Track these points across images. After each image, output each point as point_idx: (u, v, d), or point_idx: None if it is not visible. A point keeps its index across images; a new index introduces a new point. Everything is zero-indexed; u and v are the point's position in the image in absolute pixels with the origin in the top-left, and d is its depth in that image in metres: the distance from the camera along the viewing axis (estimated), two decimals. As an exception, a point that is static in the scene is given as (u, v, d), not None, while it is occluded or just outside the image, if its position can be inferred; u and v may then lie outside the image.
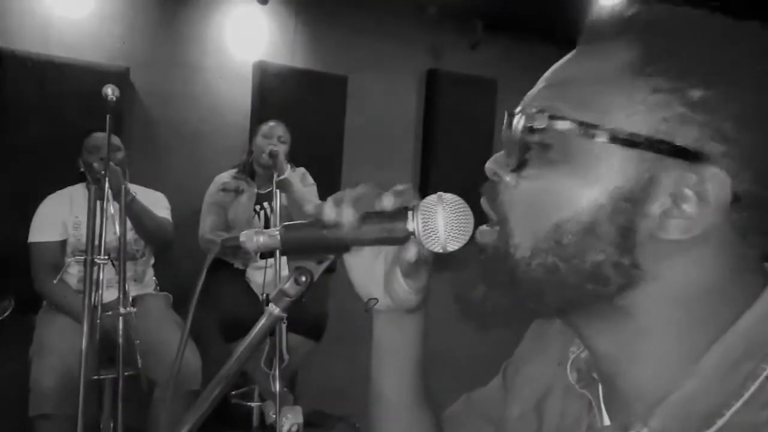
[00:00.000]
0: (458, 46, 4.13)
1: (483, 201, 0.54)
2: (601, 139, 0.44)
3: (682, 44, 0.45)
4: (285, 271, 2.71)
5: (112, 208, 2.37)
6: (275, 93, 3.47)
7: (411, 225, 0.56)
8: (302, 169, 2.97)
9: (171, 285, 2.84)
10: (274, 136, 2.84)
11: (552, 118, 0.46)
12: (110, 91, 2.07)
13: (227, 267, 2.85)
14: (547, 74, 0.50)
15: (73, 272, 2.61)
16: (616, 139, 0.44)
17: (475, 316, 0.53)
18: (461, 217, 0.55)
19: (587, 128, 0.45)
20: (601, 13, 0.50)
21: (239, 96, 3.47)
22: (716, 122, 0.43)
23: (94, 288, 2.24)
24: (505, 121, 0.50)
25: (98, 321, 2.16)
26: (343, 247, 0.61)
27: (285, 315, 0.61)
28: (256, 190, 2.89)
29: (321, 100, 3.67)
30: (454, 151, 4.14)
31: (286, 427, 2.70)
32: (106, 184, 2.26)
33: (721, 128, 0.43)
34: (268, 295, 2.66)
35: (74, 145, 2.64)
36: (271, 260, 2.69)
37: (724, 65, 0.44)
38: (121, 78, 2.96)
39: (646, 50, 0.45)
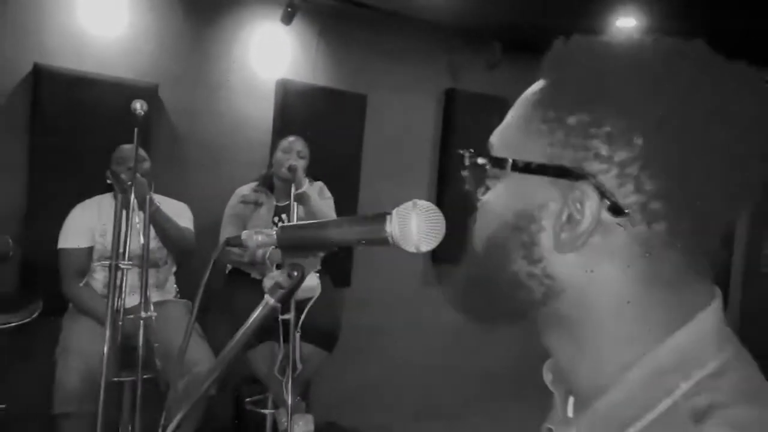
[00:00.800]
0: (476, 66, 4.21)
1: (472, 194, 0.61)
2: (506, 169, 0.52)
3: (568, 76, 0.51)
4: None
5: (137, 217, 2.48)
6: (296, 110, 3.58)
7: (389, 228, 0.63)
8: (320, 183, 3.07)
9: (191, 293, 2.93)
10: (294, 150, 2.94)
11: (472, 156, 0.55)
12: (139, 105, 2.19)
13: (245, 277, 2.94)
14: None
15: (99, 277, 2.73)
16: (516, 167, 0.52)
17: (462, 308, 0.61)
18: (432, 222, 0.62)
19: (496, 162, 0.53)
20: (549, 53, 0.56)
21: (262, 112, 3.59)
22: (591, 143, 0.48)
23: (117, 293, 2.35)
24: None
25: (120, 324, 2.26)
26: (330, 245, 0.68)
27: (279, 305, 0.68)
28: (275, 203, 2.98)
29: (340, 118, 3.77)
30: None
31: (297, 435, 2.77)
32: (132, 194, 2.37)
33: (596, 148, 0.48)
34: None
35: (103, 156, 2.77)
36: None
37: (597, 92, 0.49)
38: (150, 93, 3.09)
39: (546, 85, 0.53)
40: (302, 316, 2.75)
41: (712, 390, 0.46)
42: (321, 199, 2.96)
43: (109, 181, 2.65)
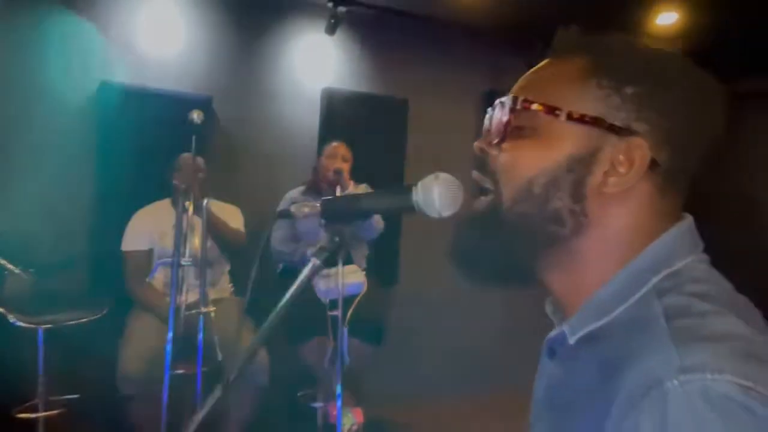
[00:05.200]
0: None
1: (474, 173, 0.70)
2: (561, 117, 0.62)
3: (621, 57, 0.63)
4: (347, 279, 2.92)
5: (195, 220, 2.66)
6: (341, 116, 3.73)
7: (414, 197, 0.73)
8: (365, 185, 3.18)
9: (243, 290, 3.10)
10: (338, 155, 3.07)
11: (526, 101, 0.64)
12: (196, 116, 2.37)
13: (294, 274, 3.07)
14: (524, 76, 0.68)
15: (159, 277, 2.92)
16: (571, 117, 0.61)
17: (466, 265, 0.70)
18: (452, 191, 0.72)
19: (551, 109, 0.62)
20: (564, 36, 0.68)
21: (308, 120, 3.75)
22: (641, 110, 0.60)
23: (178, 289, 2.53)
24: (491, 107, 0.67)
25: (182, 317, 2.43)
26: (365, 214, 0.78)
27: (324, 266, 0.78)
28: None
29: (383, 122, 3.89)
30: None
31: (347, 426, 2.88)
32: (191, 198, 2.55)
33: (645, 114, 0.60)
34: (330, 301, 2.86)
35: (162, 165, 2.98)
36: (334, 269, 2.91)
37: (649, 73, 0.61)
38: (205, 105, 3.29)
39: (594, 60, 0.63)
40: (349, 312, 2.87)
41: (674, 278, 0.59)
42: (366, 200, 3.08)
43: (175, 182, 2.84)
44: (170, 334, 2.46)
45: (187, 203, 2.62)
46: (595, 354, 0.59)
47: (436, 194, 0.71)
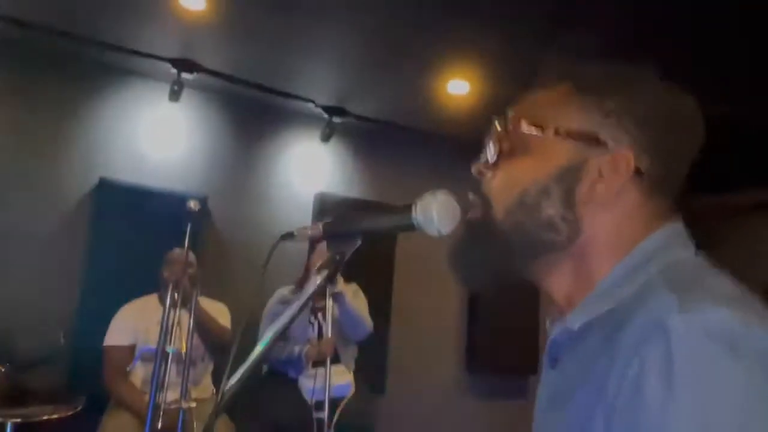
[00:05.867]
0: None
1: (470, 195, 0.74)
2: (549, 133, 0.67)
3: (601, 77, 0.69)
4: (334, 379, 2.83)
5: (181, 315, 2.63)
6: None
7: (414, 215, 0.75)
8: (355, 285, 3.19)
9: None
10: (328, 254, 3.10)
11: (516, 119, 0.70)
12: (192, 204, 2.43)
13: (281, 375, 2.98)
14: (511, 107, 0.74)
15: (139, 374, 2.82)
16: (558, 133, 0.67)
17: (464, 272, 0.73)
18: (450, 208, 0.74)
19: (540, 127, 0.68)
20: (546, 65, 0.75)
21: (301, 222, 3.82)
22: (621, 123, 0.65)
23: (159, 386, 2.44)
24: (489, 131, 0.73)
25: (162, 413, 2.32)
26: (365, 233, 0.80)
27: (325, 283, 0.79)
28: (311, 304, 3.10)
29: (374, 227, 3.96)
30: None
31: None
32: (179, 292, 2.54)
33: (625, 126, 0.65)
34: (317, 402, 2.76)
35: (153, 261, 2.98)
36: (321, 369, 2.83)
37: (628, 89, 0.67)
38: (200, 204, 3.35)
39: (578, 81, 0.69)
40: (336, 414, 2.76)
41: (673, 265, 0.62)
42: (355, 299, 3.06)
43: (165, 275, 2.82)
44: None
45: (175, 297, 2.60)
46: (600, 334, 0.60)
47: (435, 212, 0.73)
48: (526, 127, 0.68)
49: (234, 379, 0.77)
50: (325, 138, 3.90)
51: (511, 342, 4.30)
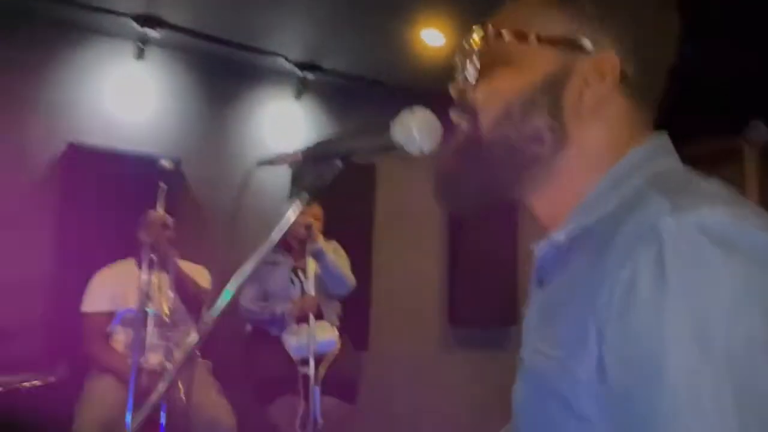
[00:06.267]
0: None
1: (452, 114, 0.71)
2: (531, 41, 0.64)
3: None
4: (318, 335, 2.84)
5: (161, 277, 2.60)
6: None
7: (394, 134, 0.73)
8: (335, 243, 3.17)
9: (211, 353, 2.97)
10: (308, 212, 3.06)
11: (495, 29, 0.66)
12: (166, 163, 2.37)
13: (263, 334, 2.98)
14: (491, 15, 0.70)
15: (120, 339, 2.79)
16: (540, 40, 0.64)
17: (452, 196, 0.71)
18: (430, 124, 0.72)
19: (520, 34, 0.65)
20: None
21: (277, 180, 3.76)
22: (604, 25, 0.63)
23: (140, 349, 2.42)
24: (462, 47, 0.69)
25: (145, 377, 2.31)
26: (345, 155, 0.78)
27: (306, 204, 0.76)
28: (292, 262, 3.07)
29: (352, 185, 3.92)
30: (480, 227, 4.30)
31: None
32: (158, 254, 2.50)
33: (608, 29, 0.63)
34: (301, 358, 2.76)
35: (128, 226, 2.92)
36: (305, 325, 2.83)
37: None
38: (173, 167, 3.28)
39: None
40: (322, 369, 2.77)
41: (660, 174, 0.60)
42: (336, 256, 3.05)
43: (135, 243, 2.78)
44: (131, 400, 2.33)
45: (153, 259, 2.56)
46: (589, 246, 0.59)
47: (416, 129, 0.71)
48: (506, 37, 0.65)
49: (207, 317, 0.75)
50: (298, 95, 3.82)
51: (492, 294, 4.35)
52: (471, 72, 0.68)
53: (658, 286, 0.47)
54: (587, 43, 0.62)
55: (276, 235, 0.77)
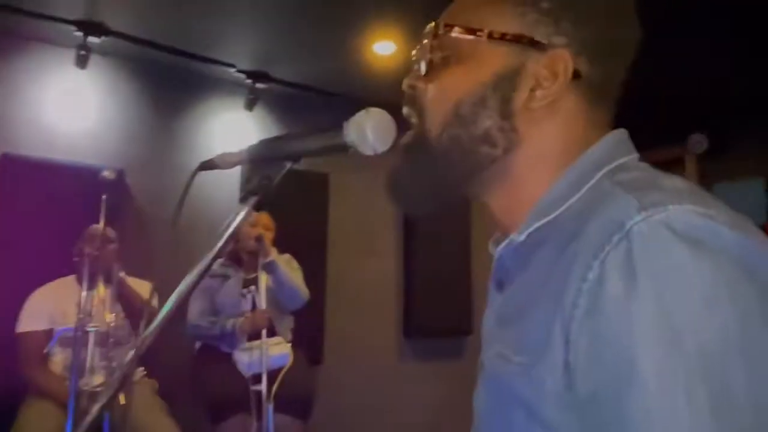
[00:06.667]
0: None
1: (404, 109, 0.69)
2: (482, 38, 0.62)
3: None
4: (271, 351, 2.76)
5: (103, 293, 2.47)
6: (262, 189, 3.68)
7: (347, 133, 0.69)
8: (288, 255, 3.09)
9: (158, 371, 2.85)
10: (259, 223, 2.99)
11: (447, 26, 0.64)
12: (107, 173, 2.26)
13: (213, 351, 2.87)
14: (445, 12, 0.68)
15: (58, 360, 2.64)
16: (492, 37, 0.62)
17: (404, 195, 0.69)
18: (385, 124, 0.69)
19: (472, 31, 0.62)
20: None
21: (227, 192, 3.67)
22: (559, 23, 0.61)
23: (80, 372, 2.29)
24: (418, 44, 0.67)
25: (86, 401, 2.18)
26: (295, 156, 0.73)
27: (253, 209, 0.71)
28: (242, 276, 2.99)
29: (305, 195, 3.87)
30: (434, 239, 4.31)
31: None
32: (99, 269, 2.38)
33: (563, 27, 0.61)
34: (253, 375, 2.68)
35: (68, 240, 2.78)
36: (257, 342, 2.75)
37: None
38: (116, 178, 3.15)
39: None
40: (275, 386, 2.69)
41: (619, 169, 0.58)
42: (290, 270, 2.97)
43: (76, 259, 2.66)
44: (70, 427, 2.20)
45: (94, 274, 2.43)
46: (549, 244, 0.57)
47: (369, 128, 0.68)
48: (457, 33, 0.63)
49: (144, 335, 0.69)
50: (249, 106, 3.74)
51: (447, 304, 4.35)
52: (423, 67, 0.66)
53: (627, 286, 0.45)
54: (540, 40, 0.60)
55: (221, 242, 0.72)
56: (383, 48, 3.42)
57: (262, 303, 2.83)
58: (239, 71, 3.63)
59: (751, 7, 2.90)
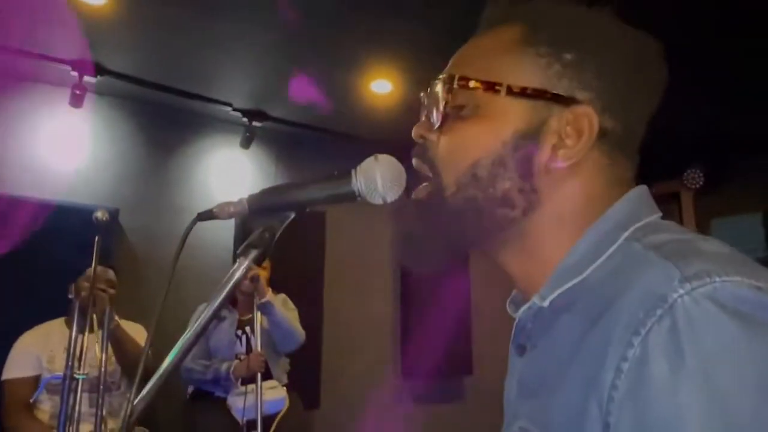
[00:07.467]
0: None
1: (414, 161, 0.64)
2: (501, 92, 0.57)
3: (556, 22, 0.59)
4: (266, 395, 2.67)
5: (94, 337, 2.39)
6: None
7: (355, 182, 0.65)
8: (283, 295, 3.03)
9: (148, 420, 2.74)
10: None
11: (462, 79, 0.59)
12: (100, 214, 2.21)
13: (208, 396, 2.78)
14: (459, 51, 0.64)
15: (46, 408, 2.54)
16: (512, 92, 0.57)
17: (417, 255, 0.64)
18: (395, 172, 0.65)
19: (491, 85, 0.58)
20: (495, 6, 0.65)
21: (223, 233, 3.62)
22: (583, 76, 0.57)
23: (69, 420, 2.19)
24: (427, 90, 0.63)
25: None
26: (299, 206, 0.69)
27: (253, 263, 0.67)
28: (237, 317, 2.91)
29: (301, 234, 3.81)
30: (432, 278, 4.25)
31: None
32: (91, 311, 2.30)
33: (587, 80, 0.57)
34: (248, 421, 2.58)
35: (60, 282, 2.70)
36: (251, 386, 2.66)
37: (587, 36, 0.58)
38: (110, 219, 3.10)
39: (530, 27, 0.59)
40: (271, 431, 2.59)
41: (646, 228, 0.54)
42: (285, 310, 2.91)
43: (70, 296, 2.57)
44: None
45: (89, 318, 2.36)
46: (575, 310, 0.52)
47: (379, 177, 0.64)
48: (473, 85, 0.58)
49: (144, 392, 0.63)
50: (245, 144, 3.73)
51: (445, 345, 4.27)
52: (434, 118, 0.61)
53: (673, 366, 0.41)
54: (563, 94, 0.56)
55: (222, 296, 0.67)
56: (379, 87, 3.43)
57: (258, 345, 2.75)
58: (235, 110, 3.62)
59: (746, 48, 2.94)
